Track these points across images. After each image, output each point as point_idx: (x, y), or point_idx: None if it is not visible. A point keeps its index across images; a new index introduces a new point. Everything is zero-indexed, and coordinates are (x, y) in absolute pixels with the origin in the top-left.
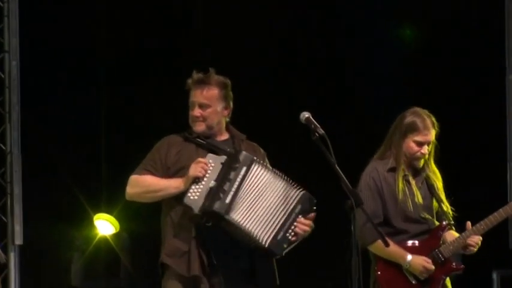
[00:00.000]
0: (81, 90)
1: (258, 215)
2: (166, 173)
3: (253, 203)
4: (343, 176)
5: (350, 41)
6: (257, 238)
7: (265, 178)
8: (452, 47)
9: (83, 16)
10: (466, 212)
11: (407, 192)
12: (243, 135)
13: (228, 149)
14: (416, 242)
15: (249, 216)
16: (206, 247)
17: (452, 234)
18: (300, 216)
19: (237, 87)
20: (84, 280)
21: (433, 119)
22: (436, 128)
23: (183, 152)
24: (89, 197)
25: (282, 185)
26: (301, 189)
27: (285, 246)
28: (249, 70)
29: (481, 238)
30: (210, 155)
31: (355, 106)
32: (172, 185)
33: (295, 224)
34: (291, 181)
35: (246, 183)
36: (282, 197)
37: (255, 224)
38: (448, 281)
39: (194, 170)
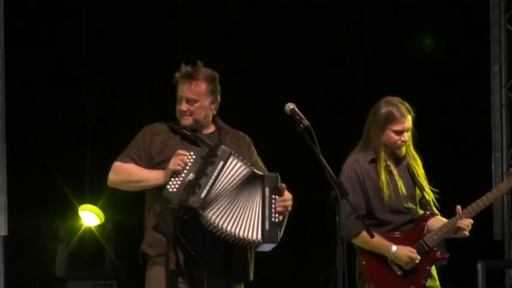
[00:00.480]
0: (67, 80)
1: (236, 215)
2: (150, 163)
3: (229, 200)
4: (327, 166)
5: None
6: (246, 239)
7: (240, 172)
8: (439, 38)
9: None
10: (452, 203)
11: (390, 183)
12: (229, 127)
13: (209, 142)
14: (400, 233)
15: (227, 217)
16: (186, 240)
17: (439, 220)
18: (273, 196)
19: (221, 79)
20: (69, 271)
21: (407, 105)
22: (411, 113)
23: (167, 142)
24: (73, 188)
25: (251, 175)
26: (263, 173)
27: (278, 231)
28: (233, 61)
29: (471, 221)
30: (192, 147)
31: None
32: (152, 177)
33: (273, 206)
34: (251, 170)
35: (222, 178)
36: (251, 187)
37: (236, 226)
38: (433, 270)
39: (173, 163)
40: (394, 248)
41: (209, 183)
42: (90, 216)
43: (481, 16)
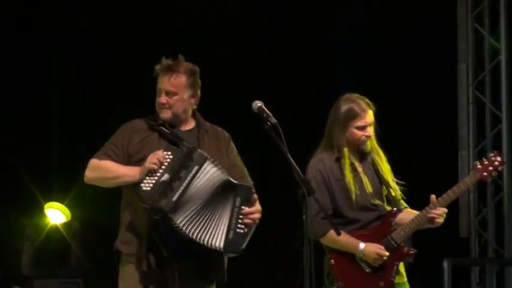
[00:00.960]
0: (32, 79)
1: (204, 221)
2: (128, 161)
3: (199, 205)
4: (295, 165)
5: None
6: (209, 245)
7: (214, 178)
8: (404, 36)
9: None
10: (419, 200)
11: (355, 181)
12: (208, 124)
13: (186, 144)
14: (368, 231)
15: (195, 223)
16: (160, 240)
17: (410, 213)
18: (242, 207)
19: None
20: (35, 269)
21: (367, 100)
22: (372, 107)
23: (146, 140)
24: (40, 186)
25: (225, 182)
26: (237, 182)
27: (241, 242)
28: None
29: (446, 210)
30: (170, 147)
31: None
32: (128, 173)
33: (241, 217)
34: (225, 177)
35: (195, 182)
36: (222, 195)
37: (202, 232)
38: (401, 267)
39: (150, 161)
40: (362, 245)
41: (182, 187)
42: (56, 214)
43: (448, 14)
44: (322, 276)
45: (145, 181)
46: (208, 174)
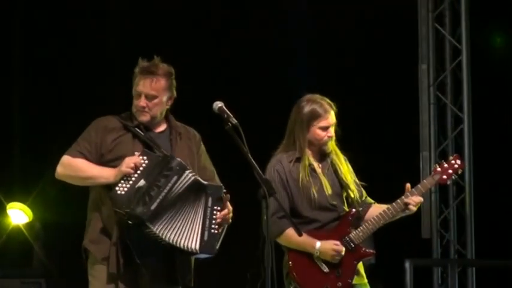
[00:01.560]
0: None
1: (179, 224)
2: (100, 159)
3: (174, 210)
4: (255, 165)
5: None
6: (185, 248)
7: (189, 186)
8: (365, 36)
9: None
10: (380, 200)
11: (312, 182)
12: (180, 125)
13: (163, 150)
14: (326, 231)
15: (170, 227)
16: (128, 244)
17: (379, 208)
18: (215, 207)
19: None
20: None
21: (328, 100)
22: (334, 108)
23: (119, 140)
24: (1, 186)
25: (199, 186)
26: (204, 182)
27: (215, 243)
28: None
29: (421, 199)
30: (145, 151)
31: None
32: (102, 175)
33: (214, 217)
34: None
35: (174, 192)
36: (195, 197)
37: (178, 235)
38: (361, 268)
39: (126, 165)
40: (318, 243)
41: (160, 197)
42: (18, 214)
43: (408, 14)
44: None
45: (119, 185)
46: (186, 183)
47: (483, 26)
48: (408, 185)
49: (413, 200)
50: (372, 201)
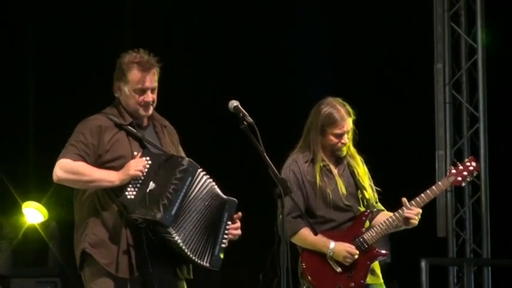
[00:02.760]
0: (8, 72)
1: (198, 232)
2: (97, 161)
3: (195, 217)
4: (271, 164)
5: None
6: (197, 260)
7: (205, 189)
8: (382, 36)
9: None
10: (396, 200)
11: (328, 182)
12: (165, 121)
13: (163, 148)
14: (340, 231)
15: (190, 236)
16: (138, 248)
17: (385, 216)
18: (228, 222)
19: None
20: (13, 268)
21: (348, 107)
22: (352, 115)
23: (115, 139)
24: (17, 185)
25: (215, 195)
26: (227, 197)
27: (221, 256)
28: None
29: (420, 211)
30: (147, 151)
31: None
32: (105, 178)
33: (226, 232)
34: (217, 188)
35: (191, 194)
36: (215, 208)
37: (195, 246)
38: (377, 268)
39: (135, 168)
40: (332, 244)
41: (179, 200)
42: (33, 214)
43: (424, 13)
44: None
45: (129, 189)
46: (200, 184)
47: (499, 24)
48: (404, 199)
49: (412, 212)
50: (382, 208)
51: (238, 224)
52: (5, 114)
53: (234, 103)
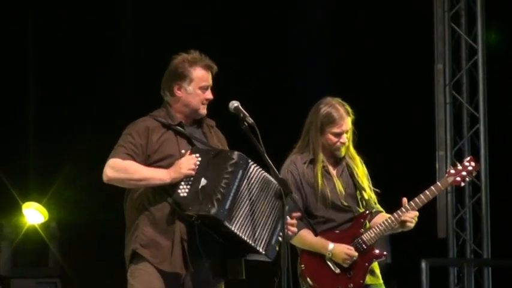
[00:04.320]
0: (9, 73)
1: (254, 223)
2: (146, 160)
3: (249, 209)
4: (272, 165)
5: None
6: (254, 246)
7: (259, 181)
8: (383, 36)
9: None
10: (396, 200)
11: (326, 183)
12: (212, 121)
13: (212, 144)
14: (339, 232)
15: (246, 224)
16: (189, 244)
17: (384, 217)
18: (287, 217)
19: None
20: (13, 269)
21: (347, 107)
22: (351, 115)
23: (162, 139)
24: (17, 186)
25: (272, 186)
26: (287, 190)
27: (277, 249)
28: None
29: (417, 213)
30: (196, 148)
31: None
32: (157, 176)
33: (285, 226)
34: (276, 182)
35: (243, 187)
36: (272, 199)
37: (252, 233)
38: (376, 268)
39: (187, 166)
40: (331, 245)
41: (232, 194)
42: (34, 214)
43: (425, 14)
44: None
45: (181, 187)
46: (253, 176)
47: (499, 25)
48: (405, 200)
49: (409, 216)
50: (381, 209)
51: (295, 221)
52: (5, 114)
53: (234, 104)
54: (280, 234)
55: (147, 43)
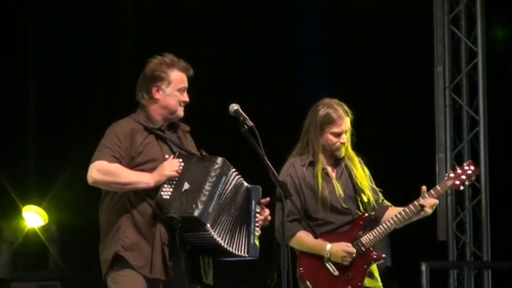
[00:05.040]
0: (8, 76)
1: (232, 228)
2: (130, 162)
3: (227, 215)
4: (271, 167)
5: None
6: (236, 252)
7: (238, 186)
8: (381, 39)
9: None
10: (396, 202)
11: (326, 185)
12: (187, 126)
13: (192, 150)
14: (337, 234)
15: (225, 230)
16: (172, 249)
17: (395, 211)
18: (257, 210)
19: None
20: (13, 272)
21: (345, 107)
22: (350, 115)
23: (145, 142)
24: (17, 189)
25: (245, 189)
26: (252, 186)
27: (257, 244)
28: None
29: (437, 202)
30: (180, 152)
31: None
32: (141, 180)
33: (256, 220)
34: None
35: (226, 192)
36: (245, 201)
37: (231, 239)
38: (375, 271)
39: (170, 169)
40: (328, 246)
41: (215, 198)
42: (34, 217)
43: (424, 16)
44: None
45: (164, 189)
46: (233, 182)
47: (499, 27)
48: (424, 188)
49: (429, 202)
50: (389, 204)
51: (266, 211)
52: (5, 118)
53: (234, 107)
54: (256, 229)
55: (148, 44)
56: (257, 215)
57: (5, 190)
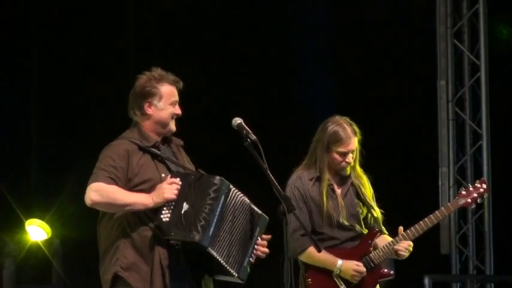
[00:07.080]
0: (10, 88)
1: (231, 246)
2: (127, 184)
3: (229, 233)
4: (275, 181)
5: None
6: (229, 270)
7: (239, 205)
8: (384, 53)
9: None
10: (399, 217)
11: (331, 202)
12: (180, 140)
13: (190, 167)
14: (347, 249)
15: (224, 248)
16: (171, 268)
17: (385, 239)
18: (258, 238)
19: None
20: (16, 286)
21: (355, 126)
22: (358, 135)
23: (141, 163)
24: (20, 203)
25: (248, 209)
26: (260, 212)
27: (248, 270)
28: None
29: (411, 243)
30: (177, 172)
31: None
32: (139, 201)
33: (255, 247)
34: (251, 203)
35: (225, 213)
36: (247, 222)
37: (229, 257)
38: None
39: (169, 192)
40: (339, 262)
41: (215, 220)
42: (37, 231)
43: (427, 30)
44: None
45: (163, 212)
46: (234, 201)
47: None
48: (400, 228)
49: (402, 246)
50: (385, 231)
51: (266, 243)
52: (8, 131)
53: (237, 120)
54: (253, 256)
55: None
56: (257, 242)
57: (8, 204)
